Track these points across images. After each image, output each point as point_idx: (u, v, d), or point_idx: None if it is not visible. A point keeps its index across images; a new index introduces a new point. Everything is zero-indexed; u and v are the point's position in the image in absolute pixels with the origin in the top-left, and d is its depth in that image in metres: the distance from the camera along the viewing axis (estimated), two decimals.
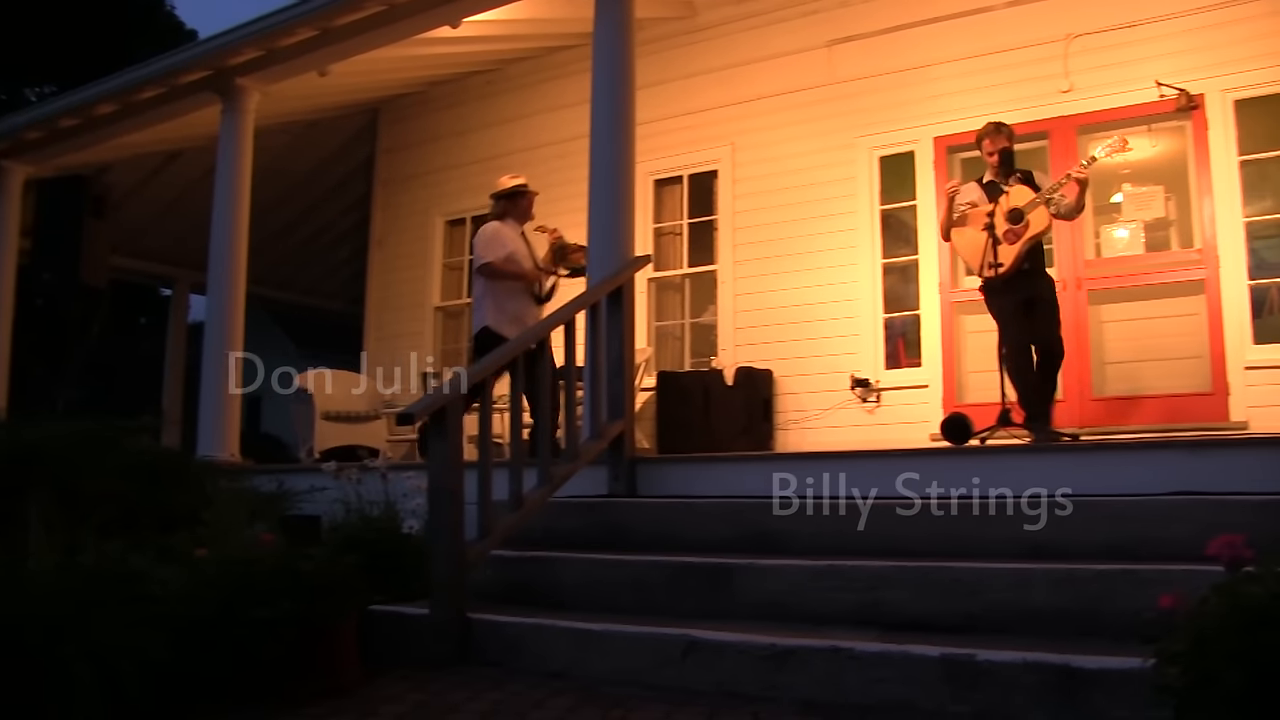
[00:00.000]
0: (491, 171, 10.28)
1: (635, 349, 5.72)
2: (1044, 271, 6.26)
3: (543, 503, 4.68)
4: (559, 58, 9.84)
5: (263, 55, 7.95)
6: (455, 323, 10.80)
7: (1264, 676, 2.07)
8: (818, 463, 5.16)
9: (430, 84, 10.76)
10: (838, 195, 8.52)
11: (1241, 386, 6.95)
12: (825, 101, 8.68)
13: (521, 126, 10.24)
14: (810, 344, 8.39)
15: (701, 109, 9.19)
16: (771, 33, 8.98)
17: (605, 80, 5.94)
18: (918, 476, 4.55)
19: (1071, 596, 3.33)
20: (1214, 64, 7.22)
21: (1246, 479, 3.85)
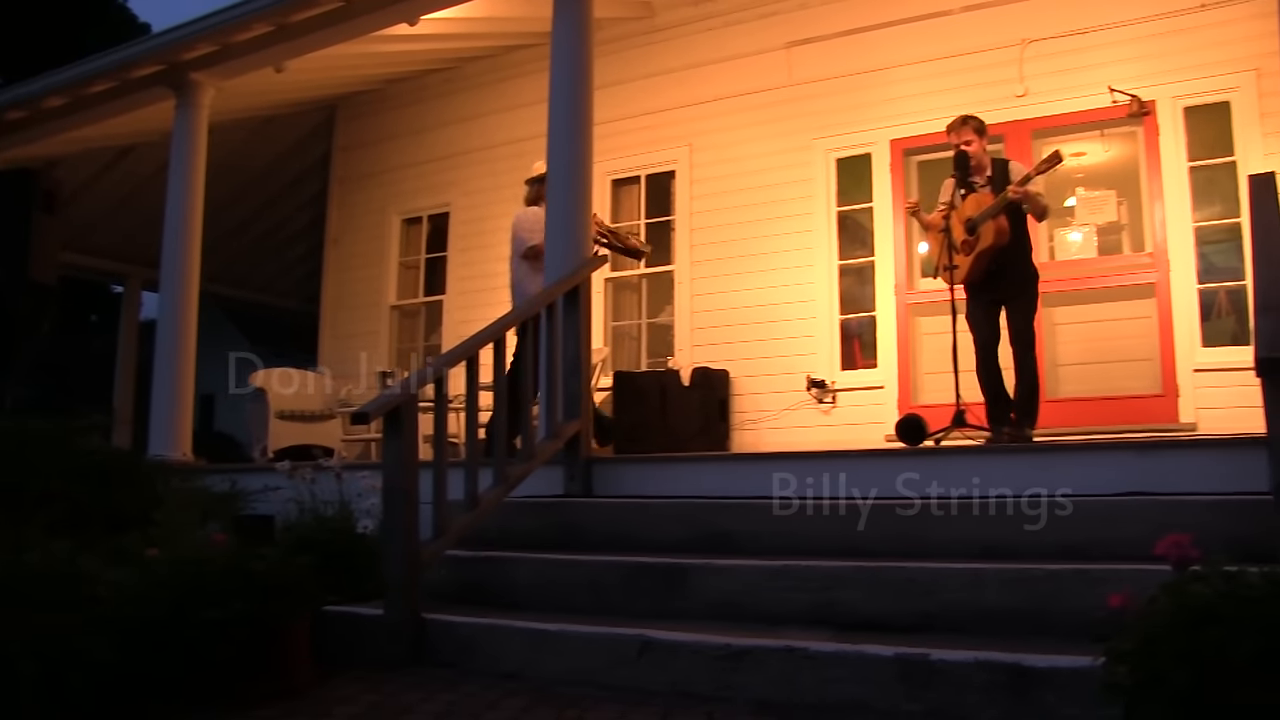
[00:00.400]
0: (448, 170, 10.31)
1: (592, 349, 5.71)
2: (1019, 268, 6.08)
3: (498, 503, 4.67)
4: (517, 56, 9.82)
5: (217, 50, 7.86)
6: (411, 322, 10.75)
7: (1209, 675, 2.11)
8: (774, 464, 5.18)
9: (388, 81, 10.69)
10: (795, 197, 8.57)
11: (1191, 388, 7.07)
12: (783, 103, 8.72)
13: (479, 125, 10.21)
14: (767, 345, 8.43)
15: (660, 109, 9.20)
16: (730, 34, 9.01)
17: (563, 79, 5.93)
18: (873, 477, 4.59)
19: (1024, 596, 3.37)
20: (1165, 71, 7.34)
21: (1195, 479, 3.91)
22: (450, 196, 10.38)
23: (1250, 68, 6.95)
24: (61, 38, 20.35)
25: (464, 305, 9.94)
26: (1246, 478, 3.60)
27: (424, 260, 10.70)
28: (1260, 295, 3.49)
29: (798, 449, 7.05)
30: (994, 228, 5.93)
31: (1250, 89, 7.04)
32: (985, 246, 5.95)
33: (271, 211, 13.04)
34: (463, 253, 10.21)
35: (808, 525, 4.24)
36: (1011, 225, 5.94)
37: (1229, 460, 3.90)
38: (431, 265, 10.62)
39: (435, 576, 4.29)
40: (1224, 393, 6.77)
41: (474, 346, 4.67)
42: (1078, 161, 7.95)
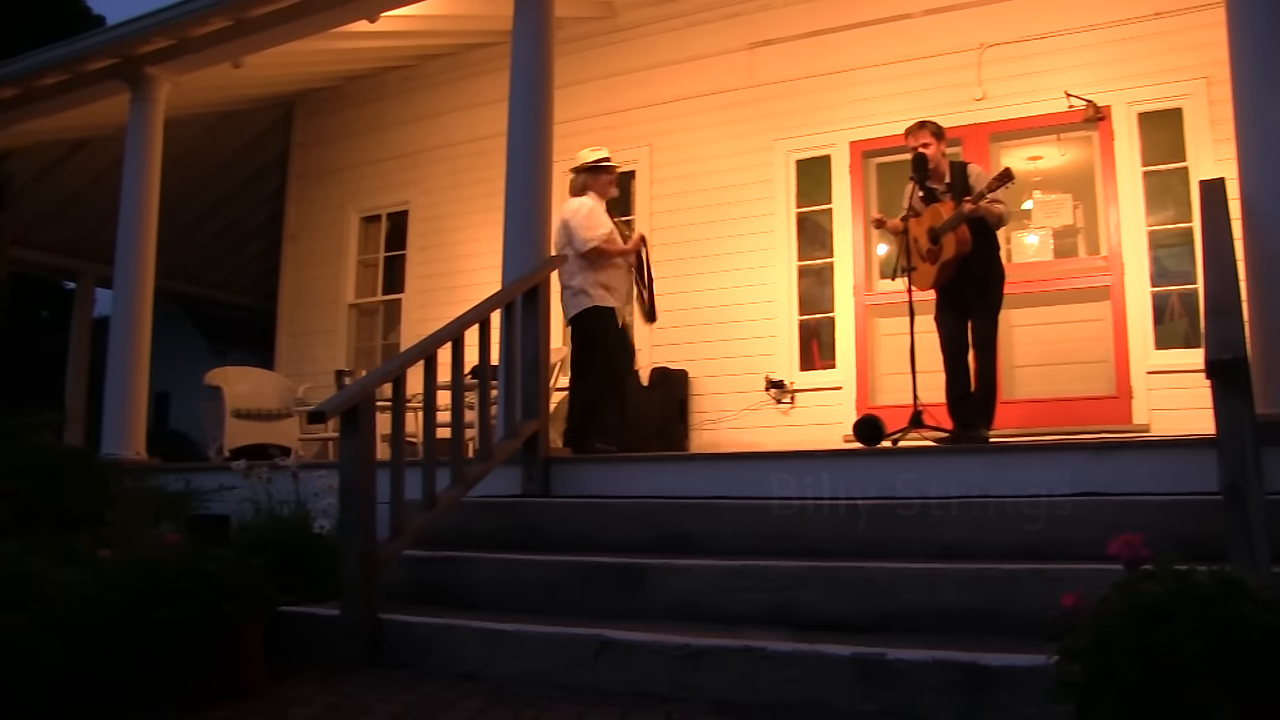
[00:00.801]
0: (408, 168, 10.25)
1: (551, 348, 5.70)
2: (982, 272, 6.10)
3: (456, 502, 4.65)
4: (477, 55, 9.78)
5: (174, 44, 7.76)
6: (369, 320, 10.68)
7: (1160, 672, 2.13)
8: (732, 464, 5.20)
9: (347, 78, 10.62)
10: (755, 198, 8.59)
11: (1144, 390, 7.16)
12: (744, 104, 8.74)
13: (439, 123, 10.16)
14: (726, 345, 8.46)
15: (620, 109, 9.19)
16: (692, 34, 9.02)
17: (523, 78, 5.92)
18: (831, 477, 4.61)
19: (981, 596, 3.40)
20: (1120, 77, 7.43)
21: (1148, 480, 3.96)
22: (410, 195, 10.32)
23: (1201, 75, 7.05)
24: (10, 29, 20.02)
25: (423, 304, 9.89)
26: (1197, 478, 3.66)
27: (383, 258, 10.63)
28: (1211, 299, 3.54)
29: (757, 449, 7.06)
30: (955, 239, 5.98)
31: (1201, 96, 7.14)
32: (948, 257, 6.01)
33: (229, 208, 12.91)
34: (422, 251, 10.16)
35: (766, 525, 4.26)
36: (973, 232, 6.00)
37: (1180, 461, 3.95)
38: (390, 263, 10.56)
39: (392, 576, 4.26)
40: (1176, 394, 6.86)
41: (432, 345, 4.64)
42: (1034, 165, 8.03)
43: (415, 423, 7.48)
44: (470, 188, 9.66)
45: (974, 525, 3.89)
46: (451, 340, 4.75)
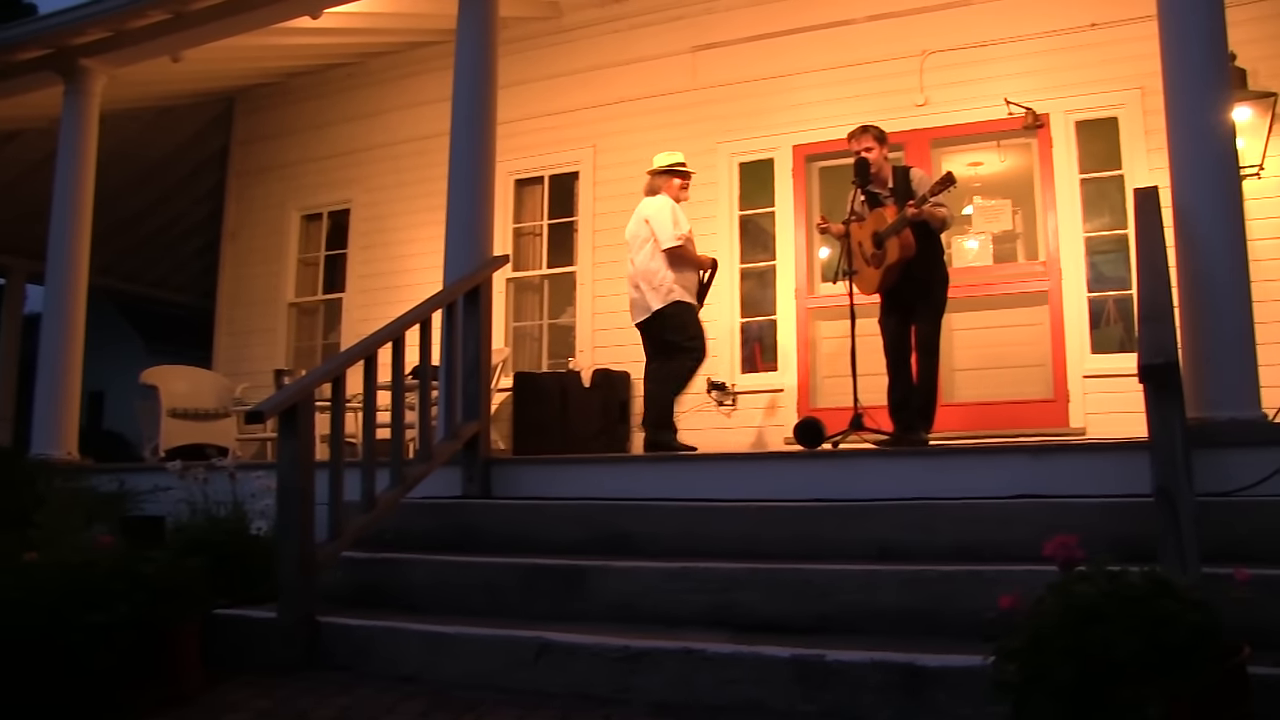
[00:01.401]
0: (350, 166, 10.15)
1: (492, 349, 5.67)
2: (927, 276, 6.15)
3: (395, 503, 4.61)
4: (421, 53, 9.69)
5: (110, 36, 7.60)
6: (310, 319, 10.55)
7: (1093, 672, 2.16)
8: (673, 465, 5.21)
9: (289, 75, 10.48)
10: (698, 200, 8.56)
11: (1080, 394, 7.27)
12: (688, 106, 8.76)
13: (382, 122, 10.06)
14: None
15: (564, 110, 9.17)
16: (636, 36, 9.02)
17: (467, 77, 5.88)
18: (772, 480, 4.63)
19: (919, 597, 3.43)
20: (1058, 86, 7.55)
21: (1083, 482, 4.03)
22: (352, 193, 10.21)
23: (1136, 85, 7.18)
24: None
25: (364, 304, 9.78)
26: (1131, 480, 3.72)
27: (324, 257, 10.50)
28: (1144, 304, 3.61)
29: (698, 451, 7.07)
30: (899, 243, 6.01)
31: (1136, 106, 7.28)
32: (892, 261, 6.05)
33: (167, 204, 12.68)
34: (364, 250, 10.05)
35: (707, 527, 4.27)
36: (917, 236, 6.05)
37: (1115, 463, 4.02)
38: (331, 262, 10.43)
39: (331, 578, 4.22)
40: (1112, 398, 6.97)
41: (373, 345, 4.60)
42: (975, 171, 8.13)
43: (355, 423, 7.42)
44: (413, 187, 9.59)
45: (913, 527, 3.92)
46: (392, 340, 4.71)
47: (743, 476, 4.71)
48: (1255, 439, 3.87)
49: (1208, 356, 4.08)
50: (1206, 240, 4.16)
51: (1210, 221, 4.18)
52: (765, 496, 4.42)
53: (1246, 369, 4.05)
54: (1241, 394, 4.02)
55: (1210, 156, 4.24)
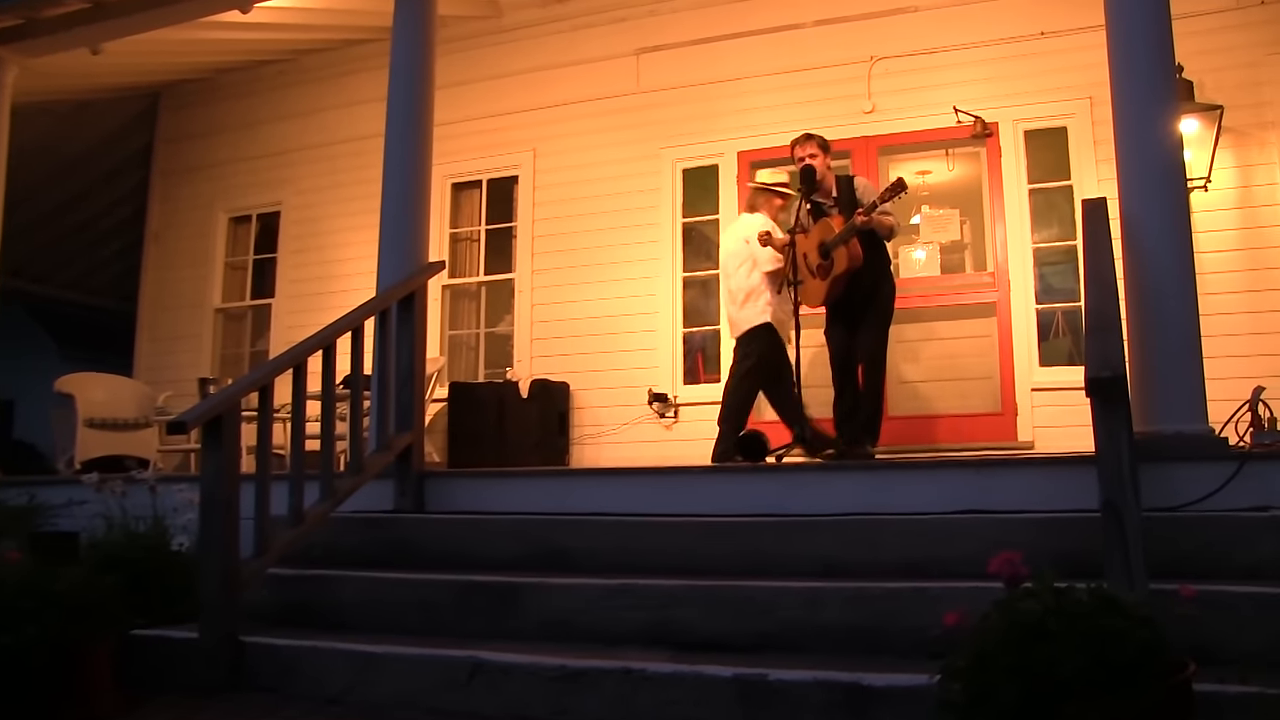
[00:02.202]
0: (282, 167, 10.04)
1: (427, 358, 5.63)
2: (873, 286, 6.24)
3: (325, 518, 4.55)
4: (357, 51, 9.62)
5: (23, 24, 7.43)
6: (237, 326, 10.41)
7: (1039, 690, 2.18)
8: (613, 479, 5.20)
9: (218, 71, 10.34)
10: (640, 206, 8.63)
11: (1028, 407, 7.38)
12: (631, 110, 8.78)
13: (316, 121, 9.97)
14: (608, 357, 8.47)
15: (504, 112, 9.16)
16: (579, 38, 9.03)
17: (403, 77, 5.84)
18: (713, 494, 4.64)
19: (863, 614, 3.45)
20: (1007, 95, 7.68)
21: (1030, 497, 4.08)
22: (283, 195, 10.10)
23: (1085, 95, 7.32)
24: None
25: (294, 310, 9.68)
26: (1078, 495, 3.77)
27: (252, 261, 10.38)
28: (1091, 317, 3.66)
29: (638, 464, 7.08)
30: (846, 253, 6.06)
31: (1085, 116, 7.42)
32: (840, 272, 6.09)
33: (85, 203, 12.41)
34: (295, 254, 9.95)
35: (647, 542, 4.26)
36: (864, 245, 6.10)
37: (1062, 478, 4.07)
38: (260, 267, 10.31)
39: (256, 596, 4.15)
40: (1060, 411, 7.10)
41: (303, 353, 4.54)
42: (923, 180, 8.23)
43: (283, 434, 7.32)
44: (347, 189, 9.51)
45: (857, 543, 3.95)
46: (323, 348, 4.65)
47: (684, 491, 4.71)
48: (1202, 453, 3.94)
49: (1155, 370, 4.16)
50: (1154, 253, 4.23)
51: (1158, 234, 4.25)
52: (707, 511, 4.42)
53: (1193, 383, 4.12)
54: (1188, 408, 4.09)
55: (1158, 168, 4.32)
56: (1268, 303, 6.91)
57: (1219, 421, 4.25)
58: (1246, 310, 6.87)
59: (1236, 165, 7.17)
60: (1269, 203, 7.09)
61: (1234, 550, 3.51)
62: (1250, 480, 3.79)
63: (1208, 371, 4.16)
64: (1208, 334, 4.31)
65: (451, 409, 8.17)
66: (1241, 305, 6.89)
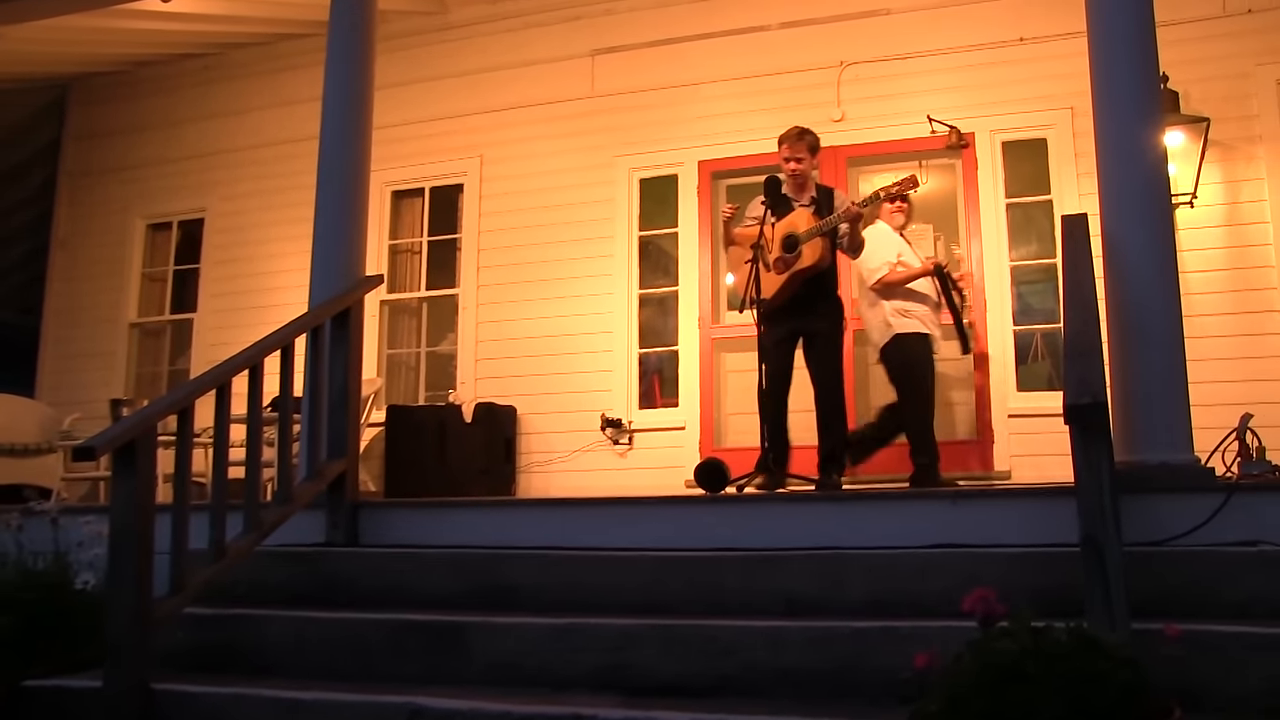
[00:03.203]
0: (207, 170, 9.95)
1: (363, 379, 5.60)
2: (829, 299, 6.28)
3: (249, 552, 4.50)
4: (290, 46, 9.59)
5: None
6: (154, 342, 10.29)
7: None
8: (563, 510, 5.18)
9: (136, 63, 10.25)
10: (594, 218, 8.64)
11: (1005, 435, 7.46)
12: (585, 115, 8.81)
13: (245, 121, 9.92)
14: (559, 379, 8.46)
15: (449, 115, 9.16)
16: (530, 37, 9.05)
17: (340, 75, 5.82)
18: (671, 527, 4.64)
19: (829, 655, 3.45)
20: (984, 104, 7.79)
21: (1006, 530, 4.11)
22: (207, 200, 10.02)
23: (1066, 105, 7.43)
24: None
25: (218, 325, 9.59)
26: (1057, 528, 3.80)
27: (173, 272, 10.28)
28: (1071, 340, 3.71)
29: (590, 494, 7.06)
30: (817, 247, 6.06)
31: (1065, 127, 7.53)
32: (805, 265, 6.06)
33: None
34: (220, 265, 9.86)
35: (599, 578, 4.25)
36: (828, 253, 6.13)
37: (1040, 510, 4.11)
38: (181, 278, 10.22)
39: (171, 639, 4.09)
40: (1039, 439, 7.16)
41: (227, 373, 4.49)
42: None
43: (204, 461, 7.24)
44: (279, 195, 9.44)
45: (823, 579, 3.96)
46: (250, 367, 4.60)
47: (638, 523, 4.70)
48: (1187, 484, 3.99)
49: (1138, 396, 4.21)
50: (1137, 272, 4.29)
51: (1141, 252, 4.31)
52: (663, 545, 4.42)
53: (1178, 410, 4.17)
54: (1173, 436, 4.14)
55: (1141, 182, 4.38)
56: (1256, 325, 7.03)
57: (1205, 450, 4.30)
58: (1234, 333, 6.98)
59: (1223, 180, 7.30)
60: (1257, 220, 7.22)
61: (1221, 587, 3.56)
62: (1238, 513, 3.82)
63: (1193, 398, 4.22)
64: (1193, 358, 4.37)
65: (389, 434, 8.12)
66: (1228, 328, 7.01)
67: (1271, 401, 6.38)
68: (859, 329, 7.25)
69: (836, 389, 6.21)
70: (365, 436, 7.50)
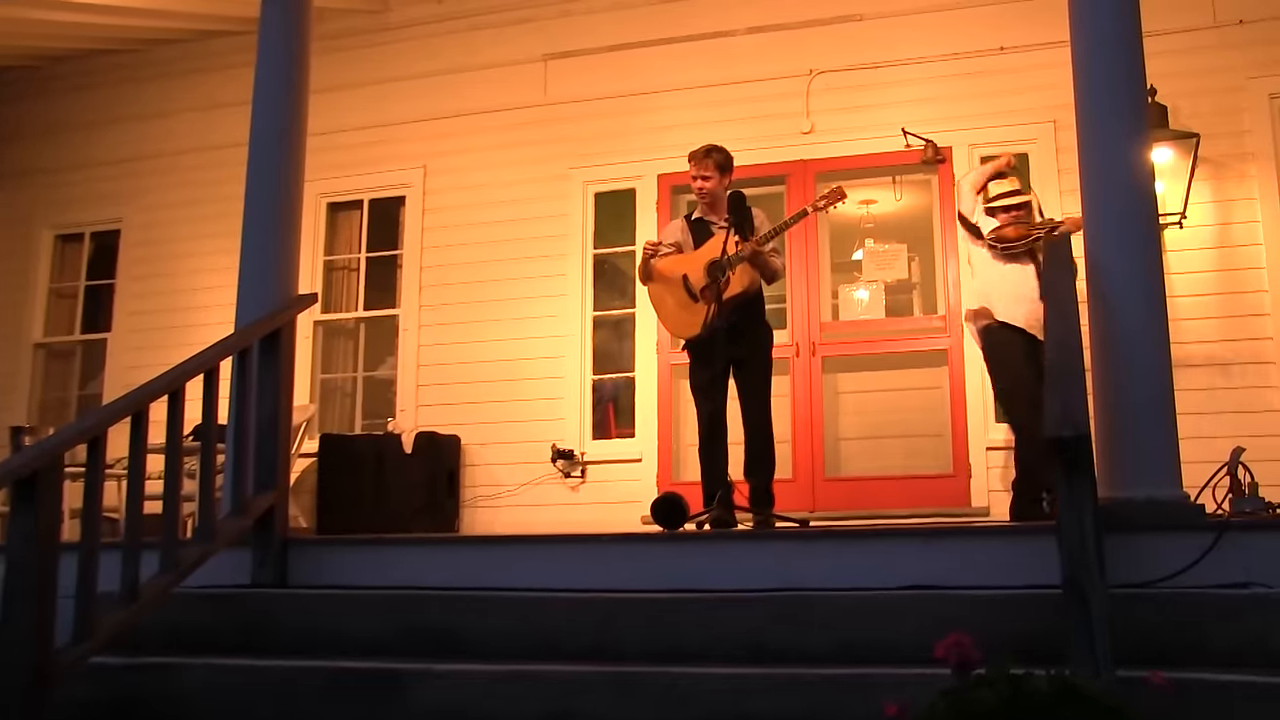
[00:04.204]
0: (123, 177, 9.88)
1: (294, 406, 5.56)
2: (758, 327, 6.32)
3: (166, 594, 4.44)
4: (217, 44, 9.55)
5: None
6: (63, 365, 10.19)
7: None
8: (510, 548, 5.18)
9: (43, 58, 10.15)
10: (546, 234, 8.65)
11: (983, 468, 7.50)
12: (537, 124, 8.83)
13: (168, 124, 9.86)
14: (506, 407, 8.45)
15: (391, 122, 9.15)
16: (478, 39, 9.07)
17: (272, 77, 5.80)
18: (626, 566, 4.63)
19: (795, 704, 3.45)
20: (962, 116, 7.87)
21: (984, 571, 4.12)
22: (124, 210, 9.94)
23: (1048, 119, 7.51)
24: None
25: (135, 346, 9.51)
26: (1037, 569, 3.82)
27: (84, 288, 10.18)
28: (1051, 368, 3.74)
29: (540, 530, 7.05)
30: (749, 273, 6.12)
31: (1048, 141, 7.62)
32: (738, 291, 6.10)
33: None
34: (137, 281, 9.79)
35: (549, 621, 4.24)
36: None
37: (1018, 550, 4.13)
38: (94, 295, 10.12)
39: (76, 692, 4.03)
40: None
41: (145, 399, 4.45)
42: (867, 210, 8.37)
43: (118, 495, 7.17)
44: (203, 206, 9.38)
45: (789, 622, 3.96)
46: (169, 392, 4.56)
47: (591, 562, 4.70)
48: (1176, 522, 4.02)
49: (1123, 428, 4.25)
50: (1122, 296, 4.34)
51: (1126, 275, 4.35)
52: (617, 586, 4.41)
53: (1166, 442, 4.21)
54: (1161, 470, 4.17)
55: (1127, 201, 4.42)
56: (1248, 353, 7.12)
57: (1195, 486, 4.36)
58: (1225, 361, 7.07)
59: (1214, 200, 7.41)
60: (1249, 242, 7.32)
61: (1212, 633, 3.58)
62: (1230, 552, 3.85)
63: (1182, 430, 4.25)
64: (1182, 388, 4.41)
65: (322, 465, 8.07)
66: (1219, 355, 7.09)
67: (1265, 435, 6.48)
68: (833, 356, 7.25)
69: (768, 420, 6.26)
70: (296, 468, 7.47)
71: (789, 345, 7.73)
